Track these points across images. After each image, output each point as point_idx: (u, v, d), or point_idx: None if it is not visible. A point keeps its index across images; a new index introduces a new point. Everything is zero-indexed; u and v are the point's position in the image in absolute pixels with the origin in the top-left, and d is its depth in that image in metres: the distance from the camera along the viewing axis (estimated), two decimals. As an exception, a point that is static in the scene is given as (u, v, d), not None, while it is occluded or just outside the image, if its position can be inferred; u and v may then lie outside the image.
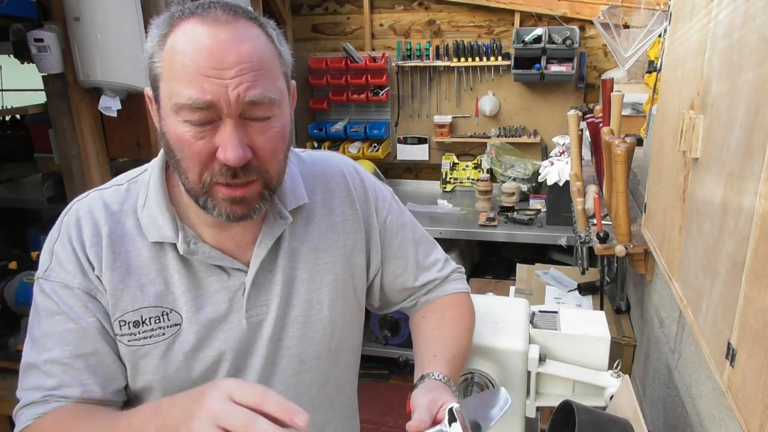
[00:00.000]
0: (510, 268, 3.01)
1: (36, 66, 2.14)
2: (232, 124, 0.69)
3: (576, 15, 2.91)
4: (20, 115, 3.69)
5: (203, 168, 0.71)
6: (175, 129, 0.70)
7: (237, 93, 0.67)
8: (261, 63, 0.69)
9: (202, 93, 0.66)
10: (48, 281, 0.78)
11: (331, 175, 0.93)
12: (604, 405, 1.00)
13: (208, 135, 0.69)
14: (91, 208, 0.80)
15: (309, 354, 0.88)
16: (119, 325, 0.78)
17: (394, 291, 1.00)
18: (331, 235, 0.90)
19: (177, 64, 0.67)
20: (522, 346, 1.02)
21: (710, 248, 0.80)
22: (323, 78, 3.27)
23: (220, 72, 0.66)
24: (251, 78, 0.68)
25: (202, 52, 0.66)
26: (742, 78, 0.70)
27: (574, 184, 1.61)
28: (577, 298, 1.84)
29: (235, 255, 0.83)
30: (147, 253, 0.80)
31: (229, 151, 0.68)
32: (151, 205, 0.80)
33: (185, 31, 0.68)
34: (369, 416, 2.77)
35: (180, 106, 0.67)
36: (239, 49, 0.67)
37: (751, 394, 0.63)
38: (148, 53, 0.72)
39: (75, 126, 2.26)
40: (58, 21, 2.11)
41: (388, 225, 0.96)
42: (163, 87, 0.70)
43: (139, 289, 0.79)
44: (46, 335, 0.77)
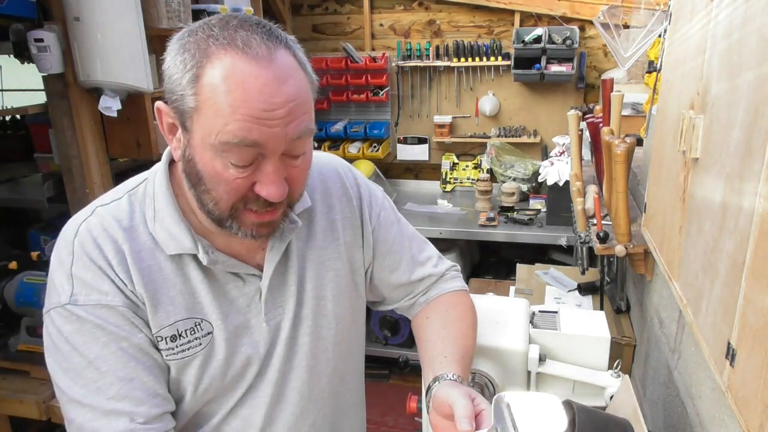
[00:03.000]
0: (510, 268, 3.01)
1: (36, 66, 2.14)
2: (275, 162, 0.68)
3: (576, 15, 2.91)
4: (20, 115, 3.68)
5: (238, 200, 0.71)
6: (212, 164, 0.68)
7: (287, 132, 0.67)
8: (303, 98, 0.69)
9: (249, 133, 0.65)
10: (78, 306, 0.72)
11: (328, 174, 0.95)
12: (604, 405, 1.00)
13: (250, 173, 0.69)
14: (104, 226, 0.76)
15: (319, 348, 0.91)
16: (156, 341, 0.78)
17: (391, 287, 1.01)
18: (331, 232, 0.92)
19: (222, 103, 0.64)
20: (522, 346, 1.02)
21: (710, 248, 0.80)
22: (323, 78, 3.27)
23: (271, 113, 0.65)
24: (299, 113, 0.68)
25: (251, 93, 0.64)
26: (742, 78, 0.70)
27: (574, 184, 1.61)
28: (577, 298, 1.84)
29: (245, 259, 0.83)
30: (168, 266, 0.78)
31: (273, 189, 0.69)
32: (162, 217, 0.78)
33: (226, 68, 0.64)
34: (369, 416, 2.77)
35: (225, 144, 0.65)
36: (285, 87, 0.66)
37: (751, 394, 0.63)
38: (177, 81, 0.67)
39: (75, 126, 2.26)
40: (58, 21, 2.11)
41: (382, 221, 0.98)
42: (201, 120, 0.67)
43: (170, 303, 0.78)
44: (98, 358, 0.72)
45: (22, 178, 3.60)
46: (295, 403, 0.89)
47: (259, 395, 0.87)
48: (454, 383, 0.82)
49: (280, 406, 0.89)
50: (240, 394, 0.86)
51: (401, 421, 2.75)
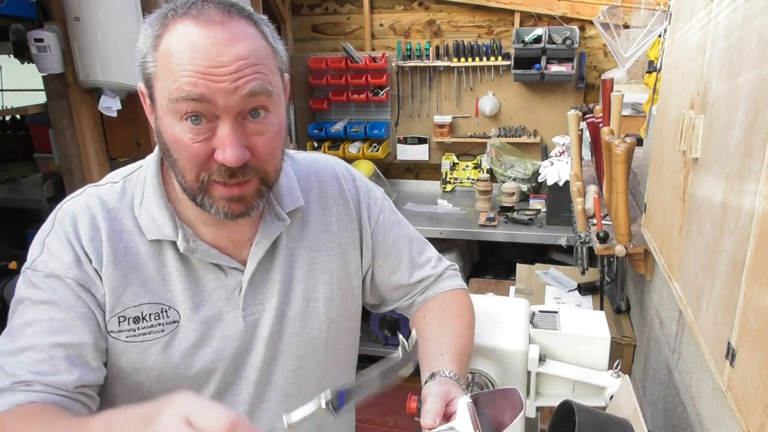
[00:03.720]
0: (510, 268, 3.02)
1: (36, 66, 2.14)
2: (229, 123, 0.69)
3: (576, 15, 2.91)
4: (20, 115, 3.69)
5: (201, 169, 0.71)
6: (171, 129, 0.70)
7: (236, 86, 0.67)
8: (258, 59, 0.69)
9: (195, 86, 0.66)
10: (36, 271, 0.76)
11: (325, 176, 0.95)
12: (604, 405, 1.00)
13: (206, 137, 0.69)
14: (87, 204, 0.80)
15: (307, 350, 0.90)
16: (118, 321, 0.78)
17: (390, 288, 1.01)
18: (326, 234, 0.92)
19: (173, 64, 0.67)
20: (522, 346, 1.02)
21: (710, 248, 0.80)
22: (323, 78, 3.27)
23: (216, 70, 0.66)
24: (249, 72, 0.68)
25: (198, 52, 0.66)
26: (742, 78, 0.70)
27: (574, 184, 1.61)
28: (577, 298, 1.84)
29: (231, 253, 0.83)
30: (146, 250, 0.79)
31: (228, 152, 0.68)
32: (148, 203, 0.80)
33: (180, 32, 0.68)
34: (369, 416, 2.77)
35: (175, 101, 0.67)
36: (235, 48, 0.67)
37: (751, 394, 0.63)
38: (141, 53, 0.71)
39: (75, 126, 2.26)
40: (58, 21, 2.11)
41: (381, 223, 0.97)
42: (158, 86, 0.70)
43: (140, 285, 0.79)
44: (27, 323, 0.74)
45: (22, 178, 3.60)
46: (278, 403, 0.88)
47: (239, 392, 0.86)
48: (449, 380, 0.82)
49: (262, 406, 0.88)
50: (214, 390, 0.84)
51: (401, 421, 2.75)
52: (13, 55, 2.40)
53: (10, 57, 2.59)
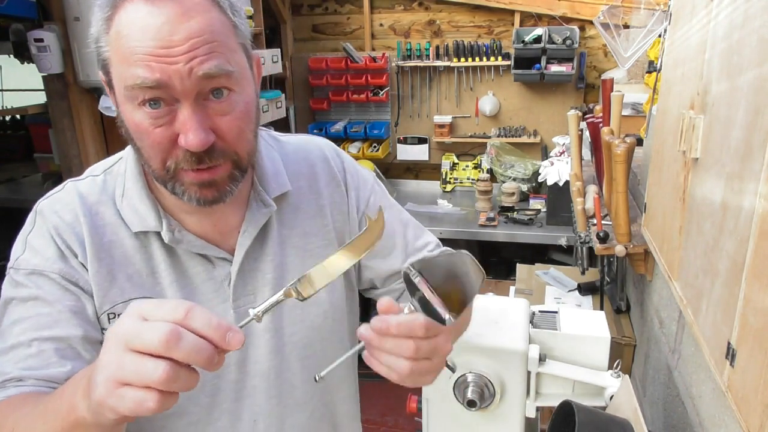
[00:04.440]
0: (510, 268, 3.01)
1: (36, 66, 2.14)
2: (189, 106, 0.65)
3: (576, 15, 2.91)
4: (20, 115, 3.69)
5: (166, 155, 0.68)
6: (131, 117, 0.66)
7: (190, 68, 0.63)
8: (213, 36, 0.65)
9: (151, 72, 0.62)
10: (18, 270, 0.74)
11: (314, 159, 0.91)
12: (604, 405, 1.00)
13: (167, 121, 0.66)
14: (68, 199, 0.77)
15: (313, 338, 0.87)
16: (108, 319, 0.76)
17: (382, 275, 0.96)
18: (320, 219, 0.89)
19: (124, 47, 0.63)
20: (522, 346, 1.02)
21: (710, 248, 0.80)
22: (323, 78, 3.27)
23: (169, 50, 0.62)
24: (204, 51, 0.64)
25: (148, 32, 0.62)
26: (742, 78, 0.70)
27: (574, 184, 1.61)
28: (577, 298, 1.84)
29: (218, 243, 0.81)
30: (131, 243, 0.77)
31: (190, 137, 0.64)
32: (130, 195, 0.77)
33: (129, 12, 0.64)
34: (369, 416, 2.77)
35: (131, 89, 0.64)
36: (188, 24, 0.63)
37: (751, 394, 0.63)
38: (94, 37, 0.68)
39: (75, 126, 2.26)
40: (58, 21, 2.11)
41: (371, 205, 0.93)
42: (114, 72, 0.66)
43: (127, 280, 0.77)
44: (15, 322, 0.73)
45: (22, 178, 3.60)
46: (288, 395, 0.87)
47: (252, 389, 0.84)
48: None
49: (273, 401, 0.86)
50: (224, 387, 0.83)
51: (401, 421, 2.75)
52: (13, 55, 2.40)
53: (10, 57, 2.59)
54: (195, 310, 0.49)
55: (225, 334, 0.50)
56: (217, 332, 0.50)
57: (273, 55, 2.84)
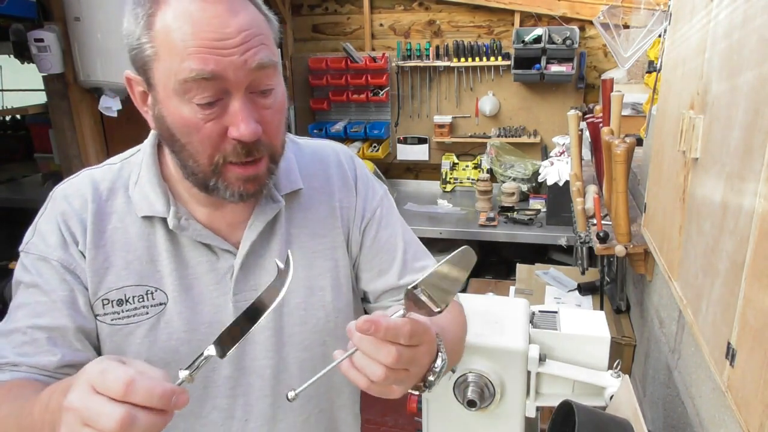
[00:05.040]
0: (510, 268, 3.01)
1: (36, 66, 2.14)
2: (240, 98, 0.66)
3: (576, 15, 2.91)
4: (20, 115, 3.69)
5: (214, 150, 0.69)
6: (179, 112, 0.67)
7: (245, 59, 0.65)
8: (260, 29, 0.68)
9: (205, 64, 0.63)
10: (28, 254, 0.77)
11: (329, 162, 0.91)
12: (604, 405, 1.00)
13: (217, 115, 0.67)
14: (79, 186, 0.79)
15: (313, 341, 0.86)
16: (102, 305, 0.77)
17: (376, 291, 0.93)
18: (332, 220, 0.88)
19: (176, 41, 0.64)
20: (522, 346, 1.02)
21: (710, 248, 0.80)
22: (323, 78, 3.27)
23: (223, 42, 0.64)
24: (256, 43, 0.66)
25: (201, 25, 0.63)
26: (742, 78, 0.70)
27: (574, 184, 1.61)
28: (577, 298, 1.84)
29: (225, 235, 0.81)
30: (135, 230, 0.78)
31: (243, 127, 0.66)
32: (143, 182, 0.79)
33: (175, 8, 0.64)
34: (369, 416, 2.77)
35: (183, 82, 0.64)
36: (237, 18, 0.65)
37: (751, 394, 0.63)
38: (134, 36, 0.67)
39: (75, 126, 2.26)
40: (58, 21, 2.11)
41: (377, 217, 0.92)
42: (160, 68, 0.66)
43: (124, 267, 0.77)
44: (18, 306, 0.76)
45: (22, 178, 3.60)
46: (283, 397, 0.85)
47: (250, 387, 0.84)
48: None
49: (267, 400, 0.85)
50: (222, 382, 0.82)
51: (401, 421, 2.75)
52: (13, 55, 2.40)
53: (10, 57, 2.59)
54: (136, 383, 0.50)
55: (169, 401, 0.51)
56: (161, 402, 0.51)
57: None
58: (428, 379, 0.68)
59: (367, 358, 0.61)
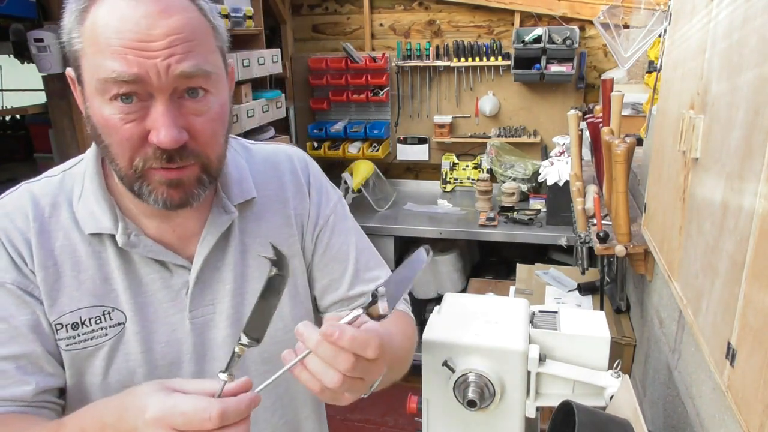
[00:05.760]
0: (510, 268, 3.01)
1: (36, 66, 2.14)
2: (164, 102, 0.63)
3: (576, 15, 2.91)
4: (20, 115, 3.69)
5: (134, 153, 0.65)
6: (100, 111, 0.64)
7: (167, 64, 0.61)
8: (193, 34, 0.64)
9: (128, 65, 0.60)
10: None
11: (283, 169, 0.88)
12: (604, 405, 1.00)
13: (138, 117, 0.64)
14: (20, 202, 0.74)
15: (273, 353, 0.82)
16: (54, 329, 0.72)
17: (326, 298, 0.91)
18: (286, 229, 0.86)
19: (100, 38, 0.62)
20: (522, 346, 1.02)
21: (710, 248, 0.80)
22: (323, 78, 3.27)
23: (147, 44, 0.61)
24: (183, 49, 0.63)
25: (127, 24, 0.61)
26: (742, 78, 0.70)
27: (574, 184, 1.61)
28: (577, 298, 1.84)
29: (177, 249, 0.77)
30: (84, 248, 0.74)
31: (162, 133, 0.62)
32: (87, 195, 0.74)
33: (107, 4, 0.62)
34: (369, 416, 2.77)
35: (104, 82, 0.62)
36: (168, 21, 0.62)
37: (751, 394, 0.63)
38: (66, 29, 0.66)
39: (75, 126, 2.26)
40: (58, 21, 2.11)
41: (330, 224, 0.90)
42: (85, 65, 0.64)
43: (76, 288, 0.73)
44: None
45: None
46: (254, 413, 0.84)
47: None
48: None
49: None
50: None
51: (401, 421, 2.75)
52: (13, 55, 2.39)
53: (10, 57, 2.59)
54: (227, 412, 0.53)
55: (251, 405, 0.56)
56: (249, 409, 0.56)
57: (273, 55, 2.84)
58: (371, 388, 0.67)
59: (323, 364, 0.59)
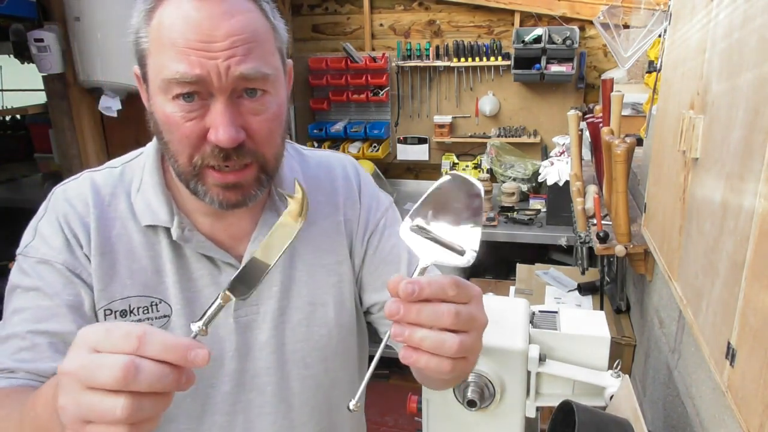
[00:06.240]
0: (510, 268, 3.01)
1: (36, 66, 2.14)
2: (223, 101, 0.65)
3: (576, 15, 2.91)
4: (20, 115, 3.69)
5: (193, 150, 0.67)
6: (162, 109, 0.66)
7: (228, 65, 0.63)
8: (254, 36, 0.66)
9: (190, 66, 0.63)
10: (27, 257, 0.74)
11: (336, 174, 0.90)
12: (604, 405, 1.00)
13: (198, 115, 0.66)
14: (81, 189, 0.77)
15: (314, 358, 0.84)
16: (104, 315, 0.74)
17: (382, 300, 0.89)
18: (336, 236, 0.86)
19: (165, 38, 0.64)
20: (522, 346, 1.02)
21: (710, 248, 0.80)
22: (323, 78, 3.27)
23: (209, 45, 0.63)
24: (244, 51, 0.64)
25: (190, 25, 0.63)
26: (742, 78, 0.70)
27: (574, 184, 1.61)
28: (577, 298, 1.84)
29: (228, 247, 0.79)
30: (139, 238, 0.76)
31: (221, 132, 0.64)
32: (146, 188, 0.77)
33: (173, 5, 0.64)
34: (369, 416, 2.76)
35: (167, 82, 0.64)
36: (230, 22, 0.64)
37: (751, 394, 0.63)
38: (134, 29, 0.68)
39: (75, 126, 2.26)
40: (58, 21, 2.11)
41: (381, 227, 0.90)
42: (151, 63, 0.67)
43: (128, 277, 0.75)
44: (15, 311, 0.72)
45: (22, 178, 3.60)
46: (284, 415, 0.84)
47: (253, 404, 0.82)
48: None
49: (268, 418, 0.83)
50: (223, 399, 0.80)
51: (401, 421, 2.75)
52: (13, 55, 2.40)
53: (10, 57, 2.59)
54: (149, 335, 0.46)
55: (186, 353, 0.46)
56: (176, 354, 0.46)
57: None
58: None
59: (431, 334, 0.51)
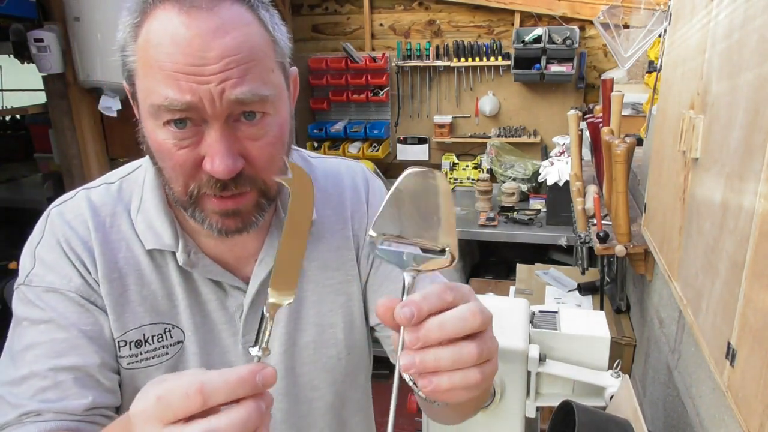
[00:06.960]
0: (510, 268, 3.01)
1: (36, 66, 2.14)
2: (218, 128, 0.59)
3: (576, 15, 2.91)
4: (20, 115, 3.69)
5: (188, 179, 0.62)
6: (154, 135, 0.61)
7: (222, 89, 0.57)
8: (251, 54, 0.59)
9: (180, 92, 0.56)
10: (31, 287, 0.68)
11: (344, 185, 0.84)
12: (604, 405, 1.00)
13: (192, 143, 0.60)
14: (79, 210, 0.71)
15: (322, 380, 0.81)
16: (118, 347, 0.70)
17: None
18: (345, 252, 0.81)
19: (152, 59, 0.57)
20: (522, 346, 1.02)
21: (710, 248, 0.80)
22: (323, 78, 3.27)
23: (201, 69, 0.56)
24: (239, 72, 0.58)
25: (179, 46, 0.56)
26: (742, 78, 0.70)
27: (574, 184, 1.61)
28: (577, 298, 1.84)
29: (234, 269, 0.75)
30: (147, 262, 0.71)
31: (217, 162, 0.59)
32: (147, 207, 0.71)
33: (160, 20, 0.57)
34: (369, 416, 2.77)
35: (157, 108, 0.58)
36: (224, 40, 0.57)
37: (751, 394, 0.63)
38: (120, 44, 0.62)
39: (75, 126, 2.26)
40: (58, 21, 2.11)
41: None
42: (139, 85, 0.61)
43: (140, 304, 0.71)
44: (27, 347, 0.66)
45: (22, 178, 3.60)
46: None
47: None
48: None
49: None
50: None
51: (401, 421, 2.74)
52: (13, 55, 2.40)
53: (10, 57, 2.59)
54: (207, 384, 0.43)
55: (254, 379, 0.44)
56: (246, 386, 0.44)
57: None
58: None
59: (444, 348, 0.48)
